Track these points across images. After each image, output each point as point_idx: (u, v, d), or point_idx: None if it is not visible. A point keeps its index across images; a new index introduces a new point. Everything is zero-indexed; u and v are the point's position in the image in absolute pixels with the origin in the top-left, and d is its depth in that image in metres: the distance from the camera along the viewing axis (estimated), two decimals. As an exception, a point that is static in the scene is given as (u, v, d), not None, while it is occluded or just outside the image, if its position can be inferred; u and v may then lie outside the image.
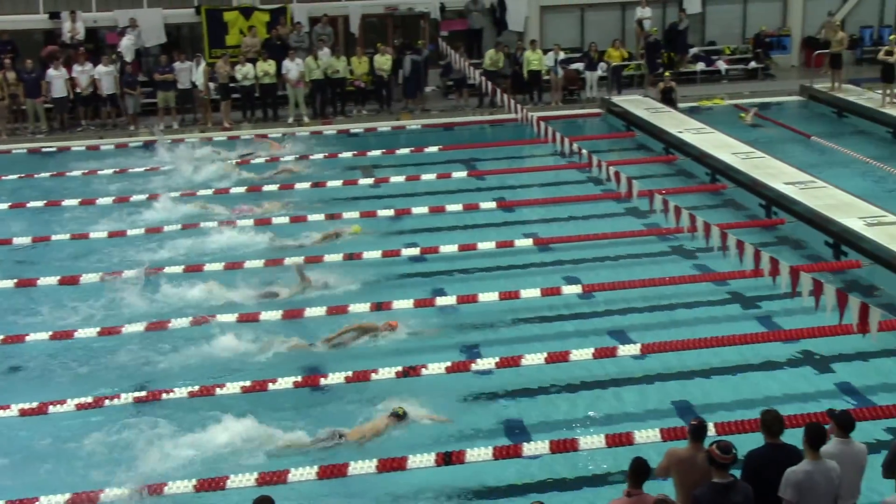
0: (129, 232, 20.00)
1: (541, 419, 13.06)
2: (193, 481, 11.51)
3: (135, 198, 22.19)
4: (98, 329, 15.55)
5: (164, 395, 13.51)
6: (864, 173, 23.22)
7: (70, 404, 13.32)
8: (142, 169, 24.57)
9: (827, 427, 9.28)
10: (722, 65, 33.16)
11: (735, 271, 16.11)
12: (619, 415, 13.10)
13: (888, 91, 27.38)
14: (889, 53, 27.16)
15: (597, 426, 12.74)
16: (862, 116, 27.84)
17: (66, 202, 22.10)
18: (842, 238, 17.99)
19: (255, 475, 11.55)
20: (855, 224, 17.96)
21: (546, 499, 11.21)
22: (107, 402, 13.37)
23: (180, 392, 13.57)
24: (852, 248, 17.67)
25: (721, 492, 8.71)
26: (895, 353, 14.42)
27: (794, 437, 9.38)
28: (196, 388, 13.67)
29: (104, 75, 27.93)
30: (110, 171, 24.45)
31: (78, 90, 28.08)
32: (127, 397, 13.48)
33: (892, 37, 30.45)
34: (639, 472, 9.05)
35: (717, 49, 33.75)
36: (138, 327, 15.53)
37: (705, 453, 9.17)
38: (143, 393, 13.63)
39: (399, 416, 12.60)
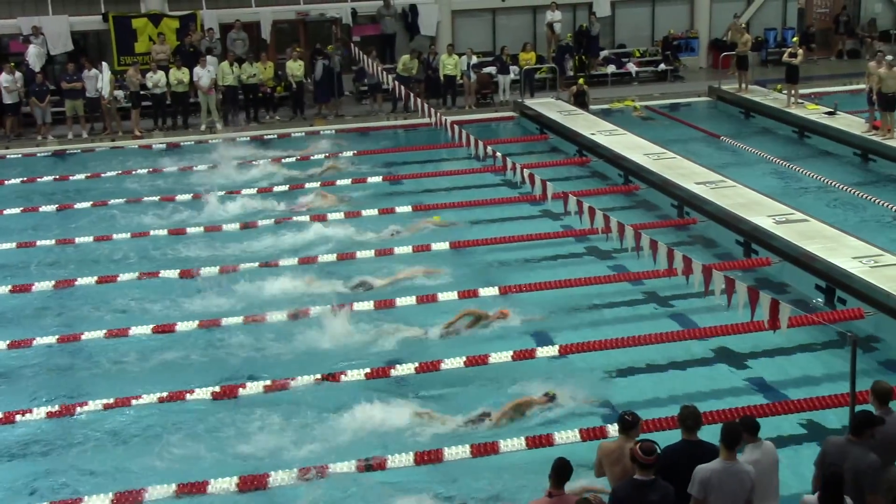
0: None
1: (461, 423, 13.01)
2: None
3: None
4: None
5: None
6: (772, 172, 23.70)
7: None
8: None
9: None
10: (632, 67, 33.61)
11: (649, 271, 16.28)
12: (539, 416, 13.14)
13: (793, 91, 28.01)
14: (793, 55, 27.77)
15: (517, 428, 12.77)
16: (768, 116, 28.43)
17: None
18: (752, 236, 18.33)
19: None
20: (764, 222, 18.29)
21: (470, 501, 11.29)
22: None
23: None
24: (762, 246, 18.00)
25: (640, 488, 8.78)
26: (806, 347, 14.77)
27: (713, 433, 9.47)
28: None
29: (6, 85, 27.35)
30: (18, 180, 24.05)
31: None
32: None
33: (794, 38, 31.22)
34: (561, 472, 9.05)
35: (627, 52, 34.20)
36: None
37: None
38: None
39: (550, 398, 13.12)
